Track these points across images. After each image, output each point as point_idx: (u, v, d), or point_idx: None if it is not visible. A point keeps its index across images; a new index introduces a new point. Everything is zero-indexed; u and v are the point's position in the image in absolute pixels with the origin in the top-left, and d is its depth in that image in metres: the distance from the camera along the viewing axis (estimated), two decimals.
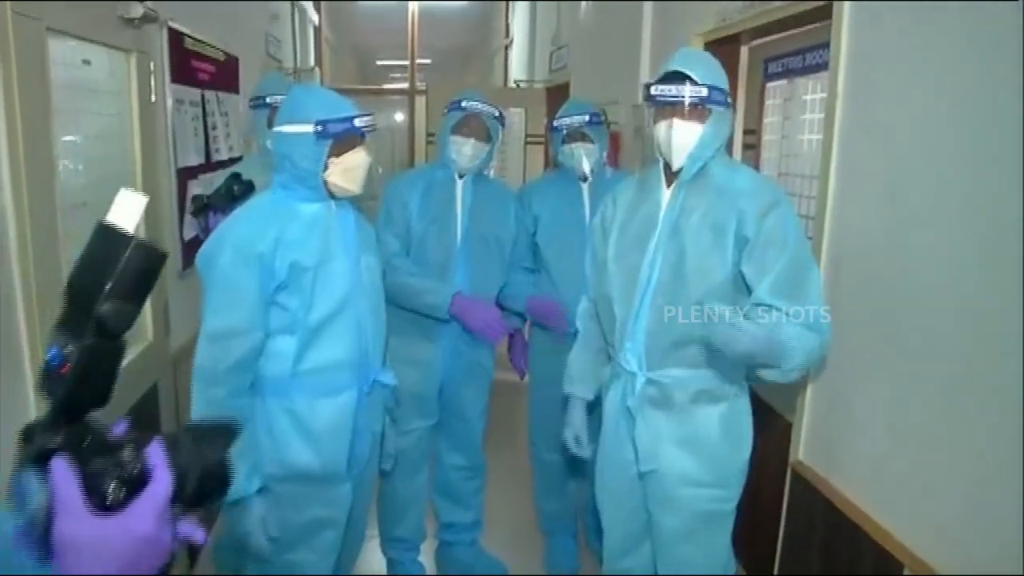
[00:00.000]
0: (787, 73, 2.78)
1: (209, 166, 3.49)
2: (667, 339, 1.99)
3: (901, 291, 1.92)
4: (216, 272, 1.94)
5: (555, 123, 2.94)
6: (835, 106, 2.18)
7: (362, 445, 2.17)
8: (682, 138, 1.93)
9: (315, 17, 7.82)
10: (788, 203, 1.96)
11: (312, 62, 7.53)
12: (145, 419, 2.72)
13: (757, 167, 3.07)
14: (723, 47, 3.06)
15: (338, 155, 1.98)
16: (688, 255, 1.95)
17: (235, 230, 1.97)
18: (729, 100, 1.95)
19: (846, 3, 2.13)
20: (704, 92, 1.87)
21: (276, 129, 2.01)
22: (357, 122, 1.98)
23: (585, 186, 2.95)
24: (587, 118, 2.86)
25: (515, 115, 6.67)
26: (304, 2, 7.05)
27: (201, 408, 1.95)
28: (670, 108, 1.93)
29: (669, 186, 2.03)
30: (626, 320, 2.06)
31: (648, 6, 3.81)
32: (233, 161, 3.88)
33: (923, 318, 1.83)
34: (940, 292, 1.77)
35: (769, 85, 3.00)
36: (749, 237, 1.90)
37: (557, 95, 5.85)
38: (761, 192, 1.94)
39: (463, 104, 2.78)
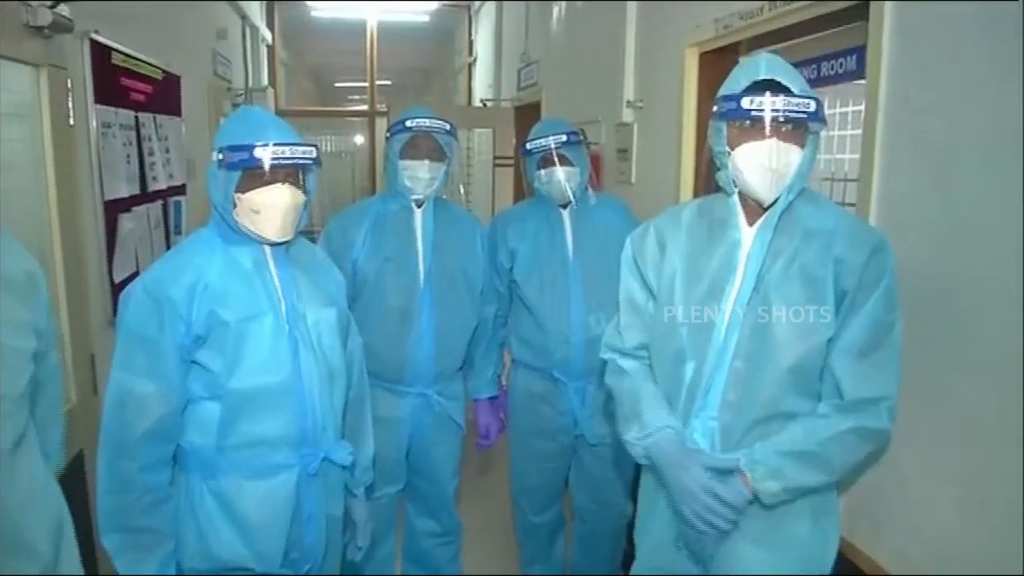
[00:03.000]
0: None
1: (145, 196, 3.10)
2: (750, 415, 1.60)
3: (960, 336, 1.62)
4: (125, 318, 1.65)
5: (528, 146, 2.60)
6: (875, 120, 1.87)
7: (312, 534, 1.81)
8: (782, 164, 1.52)
9: (268, 35, 7.45)
10: (889, 250, 1.56)
11: (265, 82, 7.15)
12: (70, 497, 2.31)
13: None
14: (721, 59, 2.76)
15: (244, 191, 1.65)
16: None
17: (152, 271, 1.69)
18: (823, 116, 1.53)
19: (887, 2, 1.83)
20: (813, 107, 1.47)
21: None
22: (259, 152, 1.60)
23: (566, 213, 2.62)
24: (564, 138, 2.53)
25: (482, 136, 6.37)
26: (256, 20, 6.68)
27: (109, 484, 1.65)
28: (762, 127, 1.50)
29: (751, 224, 1.62)
30: (695, 389, 1.65)
31: (631, 16, 3.51)
32: (173, 190, 3.50)
33: (989, 368, 1.54)
34: (1008, 336, 1.48)
35: None
36: (848, 291, 1.54)
37: (527, 114, 5.55)
38: (860, 234, 1.57)
39: (408, 123, 2.44)
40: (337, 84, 13.21)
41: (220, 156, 1.63)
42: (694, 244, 1.69)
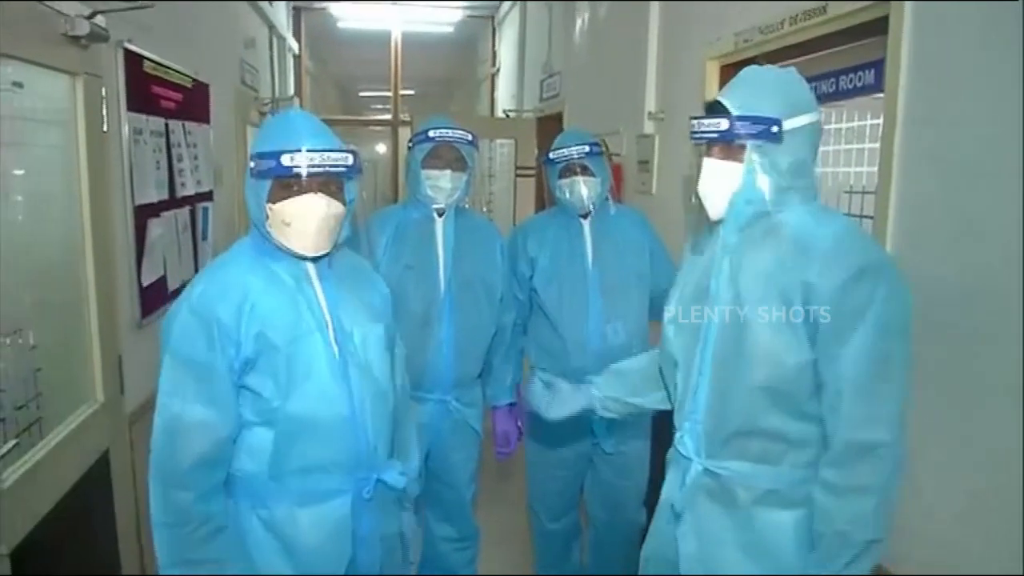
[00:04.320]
0: (816, 99, 2.49)
1: (174, 202, 3.16)
2: (727, 426, 1.60)
3: (980, 351, 1.62)
4: (171, 341, 1.56)
5: (550, 155, 2.63)
6: (893, 133, 1.89)
7: (367, 557, 1.75)
8: (711, 181, 1.57)
9: (295, 45, 7.55)
10: (886, 270, 1.48)
11: (291, 91, 7.24)
12: (95, 494, 2.37)
13: None
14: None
15: (275, 202, 1.56)
16: (750, 330, 1.54)
17: (196, 287, 1.59)
18: (776, 130, 1.49)
19: (907, 3, 1.85)
20: (724, 125, 1.49)
21: None
22: (287, 159, 1.50)
23: (586, 223, 2.65)
24: (586, 148, 2.56)
25: (504, 146, 6.41)
26: (283, 29, 6.77)
27: (164, 516, 1.58)
28: (702, 146, 1.58)
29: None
30: (684, 395, 1.68)
31: (653, 28, 3.54)
32: (201, 196, 3.57)
33: (1010, 383, 1.55)
34: None
35: None
36: (820, 317, 1.47)
37: (549, 125, 5.59)
38: (842, 255, 1.47)
39: (431, 133, 2.48)
40: (361, 94, 13.32)
41: (252, 164, 1.55)
42: (693, 252, 1.74)
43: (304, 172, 1.51)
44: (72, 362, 2.33)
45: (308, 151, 1.51)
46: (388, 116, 8.46)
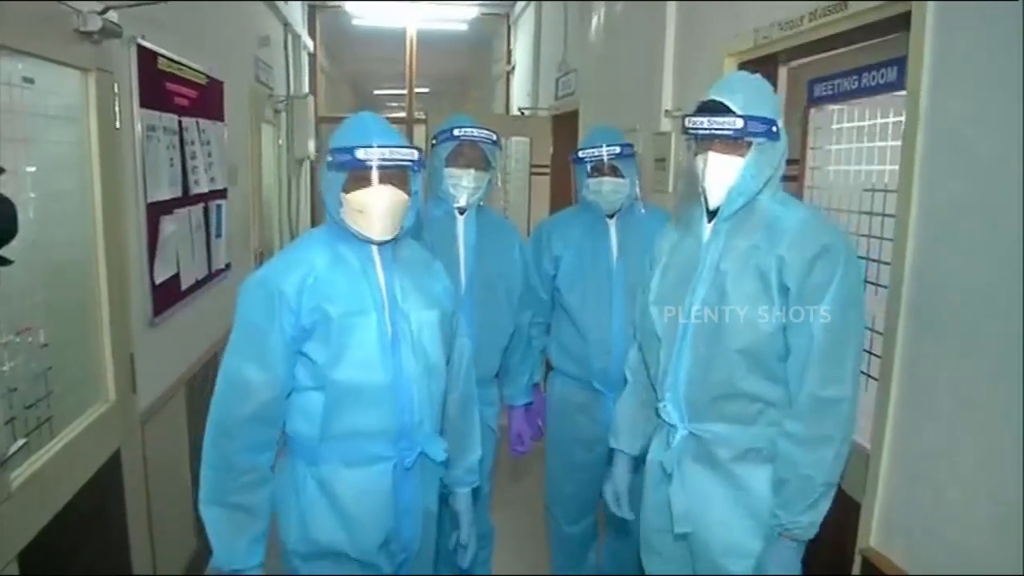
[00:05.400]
0: (837, 96, 2.45)
1: (187, 199, 3.15)
2: (709, 391, 1.83)
3: (1006, 353, 1.58)
4: (241, 307, 1.79)
5: (580, 154, 2.60)
6: (916, 131, 1.85)
7: (409, 527, 1.92)
8: (718, 174, 1.77)
9: (310, 43, 7.54)
10: (844, 250, 1.73)
11: (306, 89, 7.23)
12: (106, 493, 2.36)
13: (800, 197, 2.73)
14: (760, 68, 2.73)
15: (349, 192, 1.76)
16: (730, 301, 1.77)
17: (271, 263, 1.84)
18: (775, 129, 1.74)
19: (930, 3, 1.80)
20: (739, 124, 1.70)
21: None
22: (360, 153, 1.71)
23: (612, 222, 2.62)
24: (617, 149, 2.53)
25: (520, 144, 6.38)
26: (298, 27, 6.76)
27: (212, 459, 1.79)
28: (707, 141, 1.77)
29: (711, 223, 1.85)
30: (667, 368, 1.89)
31: (670, 25, 3.50)
32: (215, 194, 3.55)
33: None
34: None
35: (813, 110, 2.66)
36: (792, 287, 1.72)
37: (564, 123, 5.56)
38: (809, 235, 1.72)
39: (456, 132, 2.46)
40: (376, 92, 13.31)
41: (329, 158, 1.74)
42: (673, 241, 1.95)
43: (375, 164, 1.72)
44: (83, 361, 2.32)
45: (379, 147, 1.72)
46: (403, 114, 8.43)
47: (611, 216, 2.62)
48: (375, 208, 1.74)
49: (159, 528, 2.75)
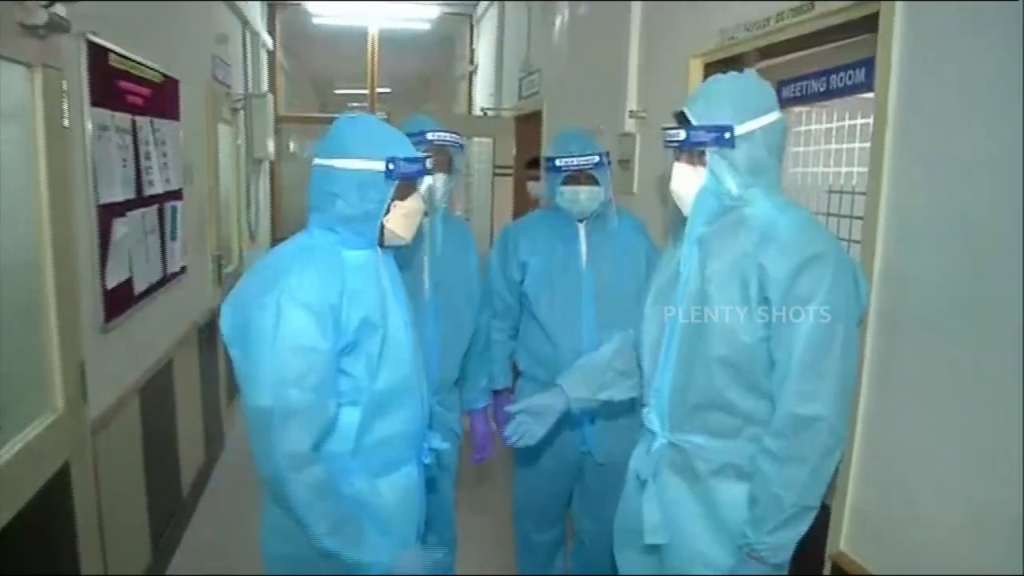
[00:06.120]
0: (805, 98, 2.44)
1: (141, 201, 3.05)
2: (690, 399, 1.77)
3: (976, 354, 1.58)
4: (281, 332, 1.60)
5: (556, 162, 2.53)
6: (884, 132, 1.84)
7: (422, 517, 1.99)
8: (680, 183, 1.79)
9: (269, 41, 7.41)
10: (834, 261, 1.62)
11: (265, 88, 7.10)
12: (54, 508, 2.26)
13: None
14: (726, 70, 2.71)
15: (402, 198, 1.78)
16: (712, 307, 1.71)
17: (293, 282, 1.64)
18: (729, 136, 1.67)
19: (898, 3, 1.80)
20: (682, 135, 1.70)
21: (326, 162, 1.74)
22: (429, 163, 1.80)
23: (582, 226, 2.57)
24: (596, 159, 2.48)
25: (482, 145, 6.33)
26: (257, 25, 6.63)
27: (302, 498, 1.64)
28: (674, 152, 1.79)
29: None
30: (651, 374, 1.87)
31: (635, 25, 3.48)
32: (170, 195, 3.45)
33: (998, 384, 1.50)
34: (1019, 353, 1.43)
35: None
36: (772, 299, 1.63)
37: (527, 123, 5.53)
38: (794, 246, 1.62)
39: (429, 136, 2.41)
40: (337, 91, 13.16)
41: (391, 166, 1.69)
42: (668, 247, 1.94)
43: (430, 173, 1.85)
44: (30, 369, 2.22)
45: (427, 157, 1.80)
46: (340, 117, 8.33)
47: (581, 220, 2.57)
48: (418, 213, 1.84)
49: (112, 544, 2.65)
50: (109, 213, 2.69)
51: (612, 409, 2.36)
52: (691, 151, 1.73)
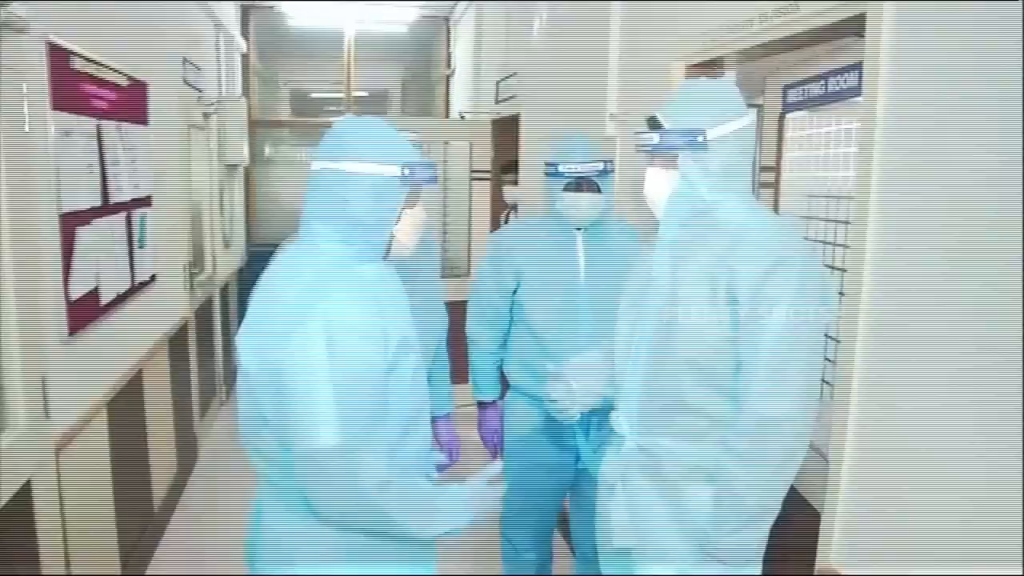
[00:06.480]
0: (808, 102, 2.39)
1: (107, 209, 2.95)
2: (658, 401, 1.79)
3: (974, 360, 1.53)
4: (339, 362, 1.47)
5: (560, 168, 2.45)
6: (873, 137, 1.79)
7: None
8: (652, 187, 1.83)
9: (243, 44, 7.30)
10: (802, 264, 1.65)
11: (239, 92, 6.99)
12: (15, 531, 2.16)
13: (776, 209, 2.68)
14: (708, 72, 2.68)
15: (411, 206, 1.69)
16: (681, 310, 1.73)
17: (336, 304, 1.51)
18: (702, 140, 1.70)
19: (886, 3, 1.74)
20: (655, 139, 1.73)
21: (334, 166, 1.61)
22: (424, 171, 1.69)
23: (580, 235, 2.50)
24: (602, 166, 2.42)
25: (459, 149, 6.26)
26: (231, 28, 6.52)
27: (399, 507, 1.58)
28: (649, 155, 1.82)
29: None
30: (622, 377, 1.87)
31: (615, 28, 3.42)
32: (138, 202, 3.35)
33: (993, 392, 1.44)
34: (1014, 365, 1.38)
35: (789, 116, 2.60)
36: (741, 300, 1.65)
37: (505, 127, 5.46)
38: (764, 248, 1.65)
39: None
40: (314, 95, 13.03)
41: (406, 171, 1.61)
42: (644, 251, 1.93)
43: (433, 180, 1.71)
44: None
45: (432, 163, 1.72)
46: (341, 118, 8.22)
47: (579, 229, 2.50)
48: (425, 222, 1.76)
49: (79, 563, 2.55)
50: (74, 221, 2.60)
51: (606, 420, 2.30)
52: (664, 155, 1.75)
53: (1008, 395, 1.44)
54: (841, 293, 2.05)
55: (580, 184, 2.43)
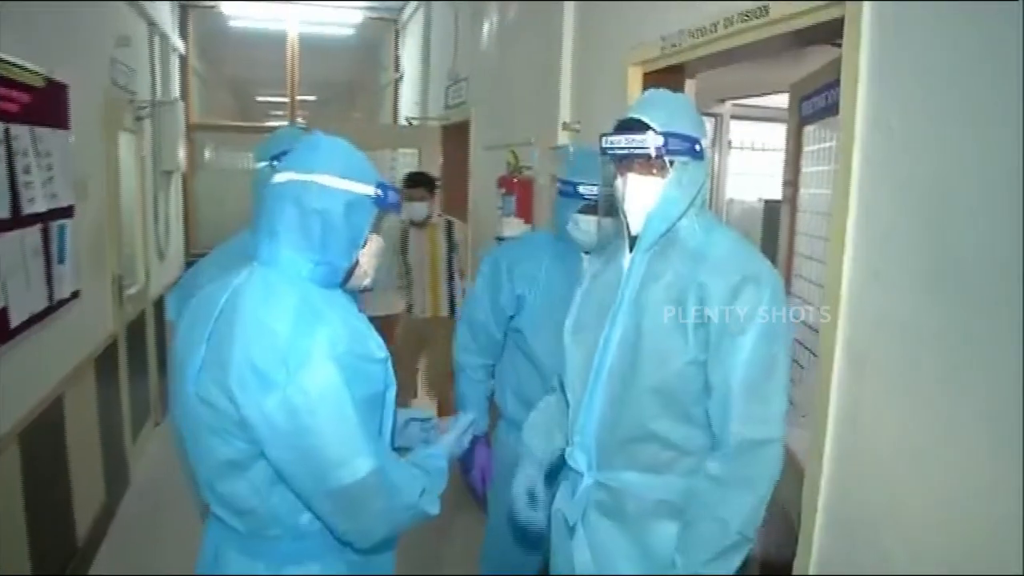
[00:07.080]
0: (818, 114, 2.27)
1: (18, 220, 2.70)
2: (620, 434, 1.66)
3: (962, 377, 1.41)
4: (353, 390, 1.39)
5: (578, 188, 2.21)
6: (851, 152, 1.66)
7: None
8: (638, 197, 1.64)
9: (180, 45, 7.00)
10: (771, 280, 1.58)
11: (176, 94, 6.69)
12: None
13: (792, 225, 2.55)
14: (668, 79, 2.53)
15: (376, 232, 1.57)
16: (645, 334, 1.61)
17: (333, 330, 1.40)
18: (699, 148, 1.61)
19: (865, 3, 1.62)
20: (659, 141, 1.57)
21: (304, 177, 1.44)
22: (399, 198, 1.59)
23: (587, 259, 2.29)
24: None
25: (408, 156, 6.08)
26: (166, 27, 6.23)
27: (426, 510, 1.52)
28: (626, 162, 1.65)
29: (632, 250, 1.69)
30: (577, 409, 1.73)
31: (568, 32, 3.28)
32: (57, 212, 3.10)
33: (983, 420, 1.32)
34: (1004, 396, 1.28)
35: (807, 128, 2.48)
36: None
37: (455, 133, 5.30)
38: (732, 264, 1.58)
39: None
40: (259, 98, 12.69)
41: (379, 192, 1.50)
42: (596, 270, 1.81)
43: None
44: None
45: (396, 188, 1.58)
46: (286, 122, 7.96)
47: (587, 252, 2.27)
48: (383, 252, 1.63)
49: None
50: None
51: None
52: (649, 161, 1.60)
53: (984, 410, 1.36)
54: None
55: (594, 208, 2.16)
